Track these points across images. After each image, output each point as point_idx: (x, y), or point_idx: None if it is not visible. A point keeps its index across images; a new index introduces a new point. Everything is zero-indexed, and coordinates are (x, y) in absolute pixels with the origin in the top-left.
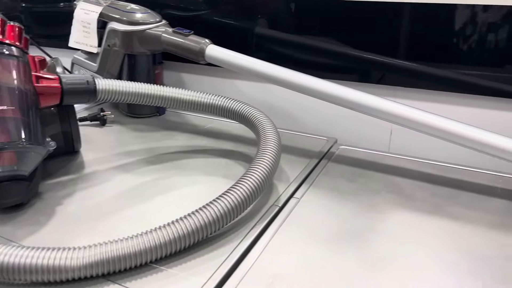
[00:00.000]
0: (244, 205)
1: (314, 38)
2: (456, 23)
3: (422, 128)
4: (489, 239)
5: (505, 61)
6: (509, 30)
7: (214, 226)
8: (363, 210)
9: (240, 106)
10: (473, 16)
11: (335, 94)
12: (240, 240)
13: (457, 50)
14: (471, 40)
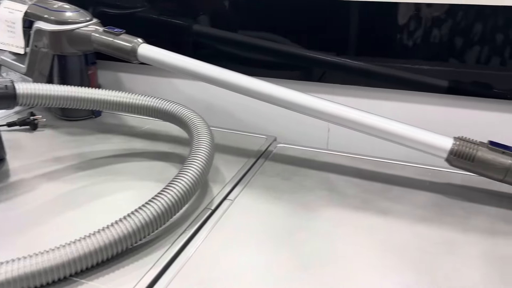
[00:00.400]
0: (172, 211)
1: (256, 36)
2: (398, 20)
3: (350, 125)
4: (415, 233)
5: (443, 57)
6: (451, 26)
7: (139, 235)
8: (297, 209)
9: (172, 106)
10: (416, 13)
11: (268, 93)
12: (168, 247)
13: (399, 47)
14: (413, 36)
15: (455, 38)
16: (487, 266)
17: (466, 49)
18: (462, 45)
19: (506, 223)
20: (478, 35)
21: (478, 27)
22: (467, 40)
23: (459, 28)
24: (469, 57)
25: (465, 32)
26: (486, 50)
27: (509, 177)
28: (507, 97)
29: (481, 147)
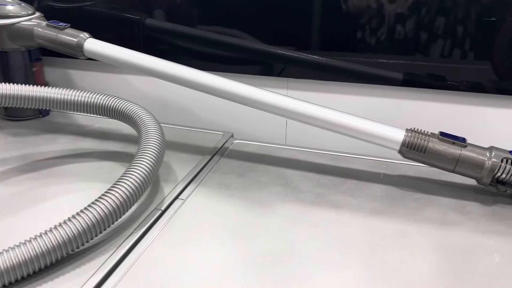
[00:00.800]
0: (117, 214)
1: (215, 30)
2: (356, 14)
3: (305, 119)
4: (368, 227)
5: (398, 50)
6: (407, 19)
7: (80, 240)
8: (250, 206)
9: (118, 102)
10: (373, 7)
11: (222, 88)
12: (113, 250)
13: (356, 41)
14: (370, 30)
15: (410, 32)
16: (438, 258)
17: (421, 42)
18: (416, 38)
19: (457, 213)
20: (432, 29)
21: (433, 20)
22: (421, 34)
23: (415, 21)
24: (423, 50)
25: (420, 25)
26: (440, 43)
27: (459, 167)
28: (459, 88)
29: (432, 138)
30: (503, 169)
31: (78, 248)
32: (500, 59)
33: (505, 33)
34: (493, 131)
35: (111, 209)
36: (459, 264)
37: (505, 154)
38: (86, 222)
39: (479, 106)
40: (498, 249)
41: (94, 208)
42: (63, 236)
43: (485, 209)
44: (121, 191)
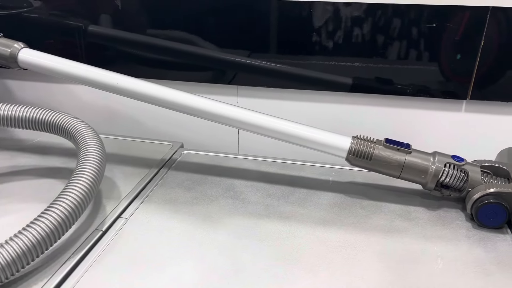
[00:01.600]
0: (51, 238)
1: (167, 37)
2: (315, 20)
3: (251, 128)
4: (315, 238)
5: (347, 54)
6: (352, 24)
7: (10, 270)
8: (197, 222)
9: (56, 116)
10: (335, 12)
11: (164, 98)
12: (48, 278)
13: (308, 47)
14: (322, 35)
15: (359, 37)
16: (383, 267)
17: (369, 47)
18: (365, 43)
19: (403, 219)
20: (377, 32)
21: (379, 24)
22: (370, 39)
23: (364, 26)
24: (371, 54)
25: (369, 30)
26: (387, 46)
27: (405, 173)
28: (406, 92)
29: (377, 145)
30: (446, 174)
31: (7, 278)
32: (447, 61)
33: (450, 37)
34: (439, 135)
35: (44, 234)
36: (403, 273)
37: (447, 159)
38: (15, 250)
39: (425, 110)
40: (442, 255)
41: (25, 234)
42: None
43: (430, 214)
44: (56, 214)
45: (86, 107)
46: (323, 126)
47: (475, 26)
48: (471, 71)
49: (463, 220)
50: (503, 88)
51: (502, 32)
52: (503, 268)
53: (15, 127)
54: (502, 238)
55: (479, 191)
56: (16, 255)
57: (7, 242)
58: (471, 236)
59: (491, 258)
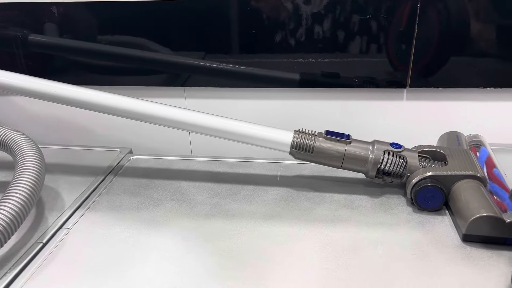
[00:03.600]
0: None
1: (113, 43)
2: (254, 18)
3: (196, 129)
4: (259, 234)
5: (292, 50)
6: (294, 19)
7: None
8: (141, 227)
9: None
10: (278, 10)
11: (106, 104)
12: None
13: (255, 45)
14: (269, 32)
15: (304, 31)
16: (326, 256)
17: (314, 40)
18: (310, 37)
19: (347, 208)
20: (322, 27)
21: (323, 20)
22: (315, 32)
23: (308, 20)
24: (315, 48)
25: (313, 24)
26: (331, 39)
27: (346, 163)
28: (353, 84)
29: (318, 138)
30: (386, 161)
31: None
32: (392, 52)
33: (396, 28)
34: (385, 123)
35: None
36: (345, 261)
37: (386, 146)
38: None
39: (371, 100)
40: (383, 240)
41: None
42: None
43: (373, 202)
44: None
45: (29, 117)
46: (272, 122)
47: (410, 16)
48: (409, 59)
49: (404, 205)
50: (440, 75)
51: (434, 20)
52: (440, 249)
53: None
54: (440, 220)
55: (417, 176)
56: None
57: None
58: (411, 220)
59: (429, 240)
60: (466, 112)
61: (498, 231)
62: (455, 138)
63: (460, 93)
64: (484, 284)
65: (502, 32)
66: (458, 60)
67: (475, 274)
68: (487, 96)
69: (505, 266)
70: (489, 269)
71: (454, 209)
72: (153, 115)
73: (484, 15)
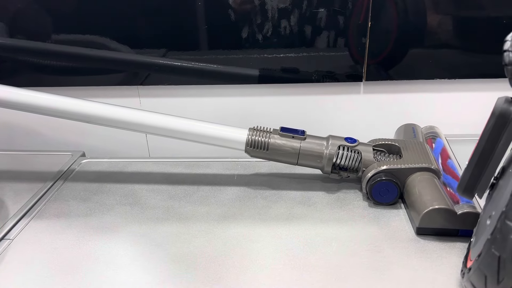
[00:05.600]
0: None
1: (70, 42)
2: (208, 13)
3: (147, 130)
4: (210, 236)
5: (248, 45)
6: (281, 12)
7: None
8: (89, 234)
9: None
10: (253, 4)
11: (51, 107)
12: None
13: (209, 40)
14: (219, 28)
15: (261, 27)
16: (280, 256)
17: (273, 36)
18: (268, 33)
19: (303, 205)
20: (276, 22)
21: (281, 15)
22: (273, 28)
23: (265, 16)
24: (276, 45)
25: (271, 19)
26: (290, 34)
27: (302, 159)
28: (312, 79)
29: (273, 135)
30: (340, 156)
31: None
32: (352, 45)
33: (355, 21)
34: (343, 118)
35: None
36: (298, 260)
37: (341, 141)
38: None
39: (329, 94)
40: (337, 237)
41: None
42: None
43: (329, 198)
44: None
45: None
46: (230, 120)
47: (364, 9)
48: (364, 52)
49: (360, 200)
50: (396, 67)
51: (389, 13)
52: (394, 243)
53: None
54: (395, 213)
55: (371, 170)
56: None
57: None
58: (366, 215)
59: (383, 235)
60: (422, 104)
61: (451, 223)
62: (411, 130)
63: (416, 85)
64: (435, 277)
65: (458, 24)
66: (414, 52)
67: (427, 268)
68: (443, 88)
69: (457, 258)
70: (441, 261)
71: (408, 202)
72: (103, 117)
73: (440, 7)
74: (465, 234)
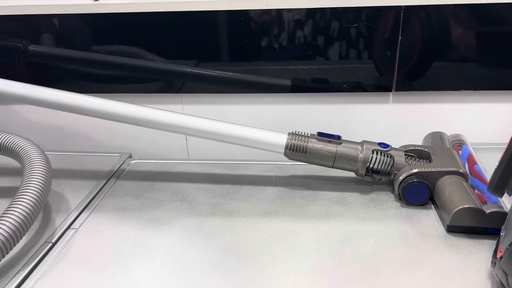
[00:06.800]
0: None
1: (110, 52)
2: (254, 28)
3: (195, 133)
4: (257, 229)
5: (284, 58)
6: (306, 27)
7: None
8: (145, 226)
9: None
10: (271, 20)
11: (107, 111)
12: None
13: (249, 53)
14: (262, 41)
15: (296, 40)
16: (321, 248)
17: (305, 49)
18: (300, 47)
19: (339, 204)
20: (312, 36)
21: (312, 29)
22: (306, 42)
23: (299, 31)
24: (307, 57)
25: (304, 34)
26: (322, 49)
27: (337, 162)
28: (341, 89)
29: (311, 139)
30: (374, 160)
31: None
32: (379, 58)
33: (380, 35)
34: (372, 125)
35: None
36: (338, 252)
37: (374, 146)
38: None
39: (358, 104)
40: (373, 233)
41: None
42: None
43: (363, 198)
44: (4, 228)
45: (33, 126)
46: (265, 126)
47: (394, 24)
48: (394, 64)
49: (392, 200)
50: (424, 79)
51: (416, 28)
52: (426, 239)
53: None
54: (426, 213)
55: (403, 173)
56: None
57: None
58: (398, 214)
59: (416, 232)
60: (448, 113)
61: (479, 221)
62: (439, 137)
63: (443, 96)
64: (467, 269)
65: (481, 39)
66: (440, 65)
67: (458, 261)
68: (469, 98)
69: (486, 253)
70: (471, 256)
71: (438, 203)
72: (155, 120)
73: (464, 23)
74: (493, 232)
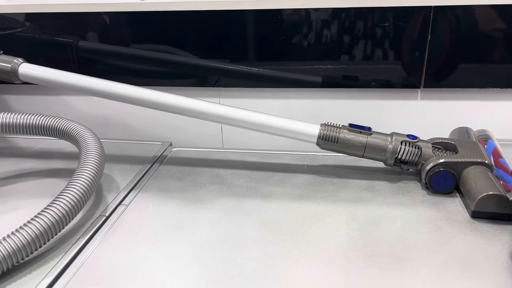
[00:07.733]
0: (62, 223)
1: (151, 48)
2: (286, 27)
3: (235, 123)
4: (292, 210)
5: (316, 56)
6: (338, 26)
7: (29, 248)
8: (188, 204)
9: (58, 121)
10: (302, 19)
11: (153, 100)
12: (62, 255)
13: (282, 51)
14: (293, 40)
15: (325, 39)
16: (351, 229)
17: (335, 48)
18: (331, 45)
19: (368, 191)
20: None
21: (343, 28)
22: (337, 41)
23: (331, 31)
24: (337, 55)
25: (336, 34)
26: (352, 47)
27: (368, 152)
28: (370, 85)
29: (342, 130)
30: (403, 151)
31: (27, 256)
32: (407, 57)
33: (408, 35)
34: (400, 121)
35: (57, 218)
36: (368, 232)
37: (403, 137)
38: (33, 232)
39: (387, 99)
40: (400, 216)
41: (41, 218)
42: (13, 246)
43: (391, 186)
44: (65, 201)
45: (80, 115)
46: (297, 118)
47: (424, 24)
48: (422, 63)
49: (419, 189)
50: (451, 77)
51: (446, 27)
52: (452, 223)
53: (19, 134)
54: (451, 201)
55: (431, 162)
56: (35, 235)
57: (25, 225)
58: (425, 201)
59: (442, 216)
60: (475, 110)
61: (503, 208)
62: (465, 132)
63: (469, 93)
64: (490, 250)
65: (508, 39)
66: (467, 64)
67: (482, 242)
68: (494, 96)
69: (509, 237)
70: (494, 238)
71: (464, 191)
72: (196, 110)
73: (491, 23)
74: None
